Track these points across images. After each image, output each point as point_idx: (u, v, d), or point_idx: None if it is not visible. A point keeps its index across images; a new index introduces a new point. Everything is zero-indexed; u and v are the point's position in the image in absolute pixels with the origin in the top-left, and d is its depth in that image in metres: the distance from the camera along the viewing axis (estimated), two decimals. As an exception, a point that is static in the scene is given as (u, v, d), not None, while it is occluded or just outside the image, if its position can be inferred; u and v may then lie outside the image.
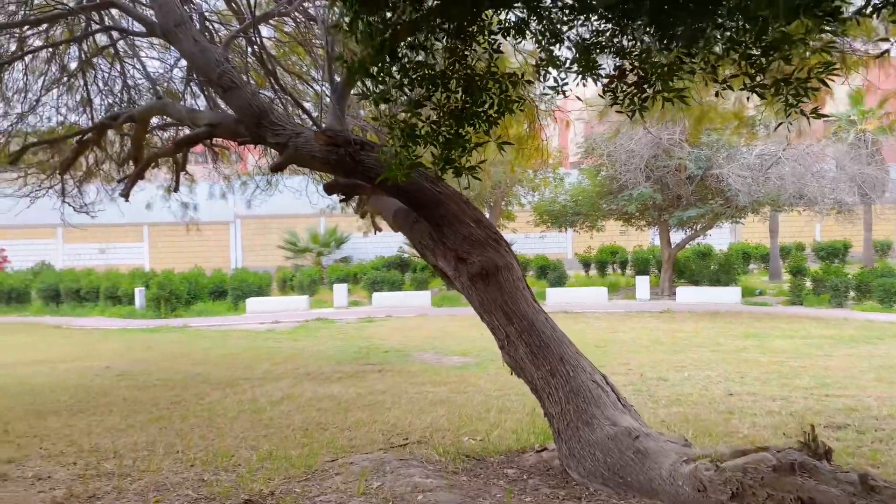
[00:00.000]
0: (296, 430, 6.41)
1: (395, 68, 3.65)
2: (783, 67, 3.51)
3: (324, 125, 5.14)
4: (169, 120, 8.34)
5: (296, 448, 5.60)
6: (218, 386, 9.21)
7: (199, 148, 11.23)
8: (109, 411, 7.59)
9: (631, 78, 3.89)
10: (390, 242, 28.22)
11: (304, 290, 24.42)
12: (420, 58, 3.72)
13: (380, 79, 3.57)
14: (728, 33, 3.51)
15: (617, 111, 3.95)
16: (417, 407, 7.36)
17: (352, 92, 5.36)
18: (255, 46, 8.21)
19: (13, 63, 8.74)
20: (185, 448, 5.68)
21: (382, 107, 3.86)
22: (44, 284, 24.70)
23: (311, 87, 9.92)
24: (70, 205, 10.42)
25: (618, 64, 3.91)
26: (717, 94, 3.62)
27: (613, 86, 3.88)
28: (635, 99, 3.86)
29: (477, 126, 3.92)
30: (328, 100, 5.41)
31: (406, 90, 3.71)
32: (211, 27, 8.78)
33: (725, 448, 3.61)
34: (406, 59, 3.69)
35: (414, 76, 3.65)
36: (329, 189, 5.17)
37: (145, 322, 19.91)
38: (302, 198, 12.48)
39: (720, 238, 29.50)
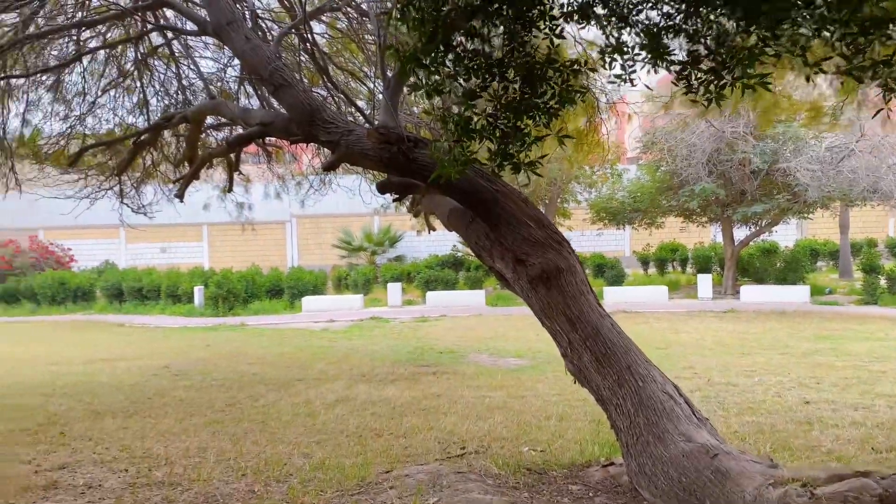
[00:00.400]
0: (350, 436, 6.23)
1: (448, 58, 3.40)
2: (876, 49, 3.14)
3: (377, 122, 4.94)
4: (223, 120, 8.29)
5: (349, 456, 5.41)
6: (273, 387, 9.14)
7: (254, 149, 11.21)
8: (164, 413, 7.57)
9: (706, 64, 3.56)
10: (444, 241, 28.04)
11: (358, 288, 24.46)
12: (475, 46, 3.46)
13: (432, 69, 3.33)
14: (818, 11, 3.15)
15: (692, 100, 3.62)
16: (474, 413, 7.11)
17: (404, 85, 5.14)
18: (307, 43, 8.09)
19: (71, 65, 8.81)
20: (237, 455, 5.55)
21: (436, 100, 3.62)
22: (108, 283, 25.32)
23: (364, 84, 9.76)
24: (128, 205, 10.52)
25: (691, 49, 3.58)
26: (807, 79, 3.25)
27: (686, 73, 3.55)
28: (711, 87, 3.53)
29: (536, 118, 3.64)
30: (381, 96, 5.20)
31: (460, 81, 3.45)
32: (263, 25, 8.69)
33: (819, 471, 3.25)
34: (460, 48, 3.44)
35: (469, 65, 3.38)
36: (382, 188, 4.96)
37: (204, 320, 20.21)
38: (355, 197, 12.38)
39: (786, 234, 28.39)
